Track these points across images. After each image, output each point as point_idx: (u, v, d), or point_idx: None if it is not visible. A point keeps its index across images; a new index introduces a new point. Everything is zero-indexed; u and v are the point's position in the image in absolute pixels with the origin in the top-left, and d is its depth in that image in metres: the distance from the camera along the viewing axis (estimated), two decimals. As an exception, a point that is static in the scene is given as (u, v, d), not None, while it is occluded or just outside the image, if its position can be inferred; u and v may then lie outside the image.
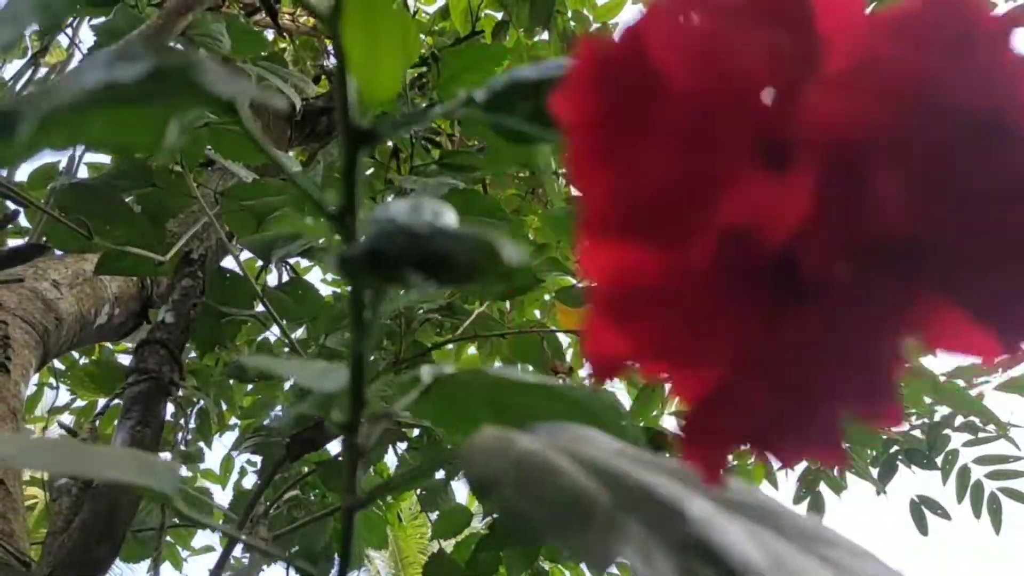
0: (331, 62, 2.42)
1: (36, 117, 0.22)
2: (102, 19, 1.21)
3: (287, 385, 1.48)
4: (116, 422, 1.00)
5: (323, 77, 2.24)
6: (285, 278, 1.69)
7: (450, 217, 0.30)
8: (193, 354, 1.27)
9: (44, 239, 1.31)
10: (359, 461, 0.32)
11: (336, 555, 1.65)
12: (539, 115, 0.27)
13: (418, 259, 0.22)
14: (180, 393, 1.15)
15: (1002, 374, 2.42)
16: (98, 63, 0.24)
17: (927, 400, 1.76)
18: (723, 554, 0.18)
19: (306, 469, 1.32)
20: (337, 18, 0.24)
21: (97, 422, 1.12)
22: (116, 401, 1.19)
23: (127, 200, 1.10)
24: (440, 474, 1.53)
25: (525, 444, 0.24)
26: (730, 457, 0.17)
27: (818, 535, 0.23)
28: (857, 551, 0.23)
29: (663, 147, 0.14)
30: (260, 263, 1.17)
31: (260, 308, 1.05)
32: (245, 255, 1.35)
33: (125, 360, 1.58)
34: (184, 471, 1.94)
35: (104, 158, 2.23)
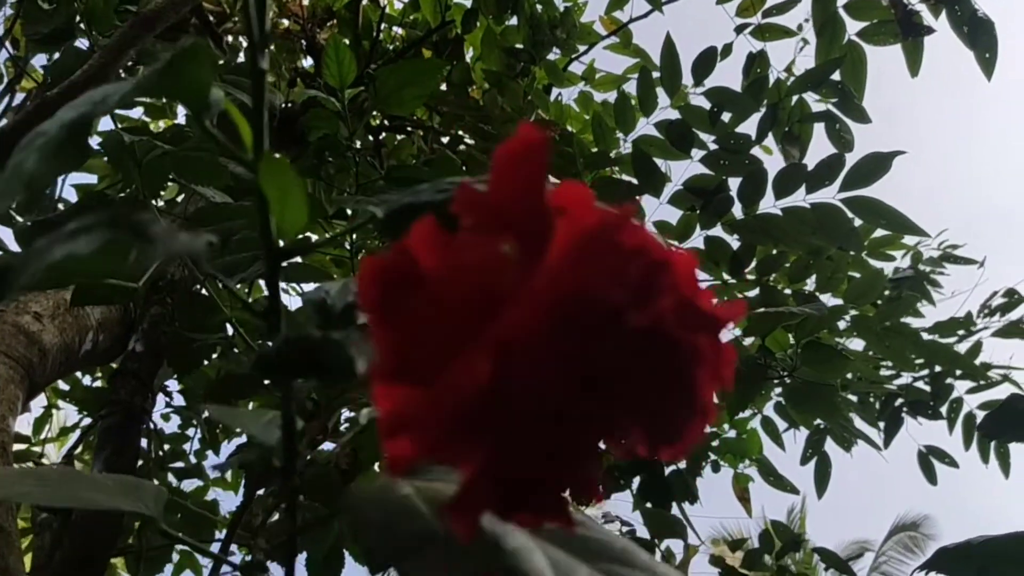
0: (307, 63, 2.43)
1: (25, 276, 0.28)
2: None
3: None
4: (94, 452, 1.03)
5: (299, 80, 2.25)
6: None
7: None
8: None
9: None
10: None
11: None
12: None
13: (308, 366, 0.29)
14: (166, 413, 1.18)
15: (999, 319, 2.42)
16: (63, 237, 0.30)
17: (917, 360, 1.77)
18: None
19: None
20: (258, 175, 0.31)
21: (79, 448, 1.15)
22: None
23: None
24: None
25: (400, 491, 0.30)
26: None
27: (624, 559, 0.28)
28: (658, 570, 0.28)
29: (421, 326, 0.21)
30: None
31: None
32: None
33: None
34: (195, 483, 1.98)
35: (91, 178, 2.27)
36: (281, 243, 0.34)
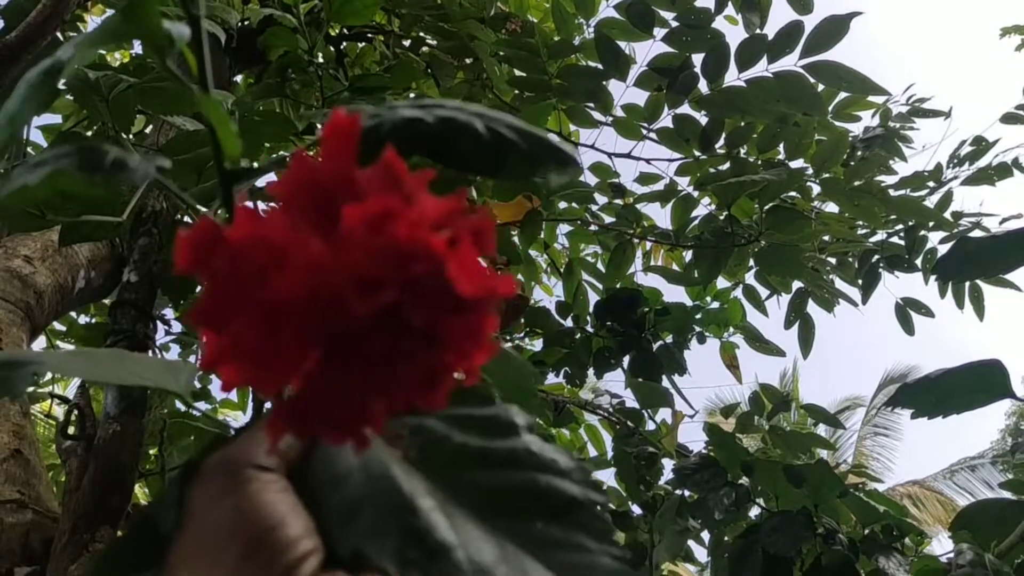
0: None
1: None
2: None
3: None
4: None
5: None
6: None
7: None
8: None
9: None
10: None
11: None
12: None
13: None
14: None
15: (968, 168, 2.46)
16: (30, 166, 0.37)
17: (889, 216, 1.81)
18: (432, 540, 0.28)
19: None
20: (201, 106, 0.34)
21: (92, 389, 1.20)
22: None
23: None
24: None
25: None
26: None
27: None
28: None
29: (222, 282, 0.25)
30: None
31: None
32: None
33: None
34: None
35: (56, 118, 2.25)
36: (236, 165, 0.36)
